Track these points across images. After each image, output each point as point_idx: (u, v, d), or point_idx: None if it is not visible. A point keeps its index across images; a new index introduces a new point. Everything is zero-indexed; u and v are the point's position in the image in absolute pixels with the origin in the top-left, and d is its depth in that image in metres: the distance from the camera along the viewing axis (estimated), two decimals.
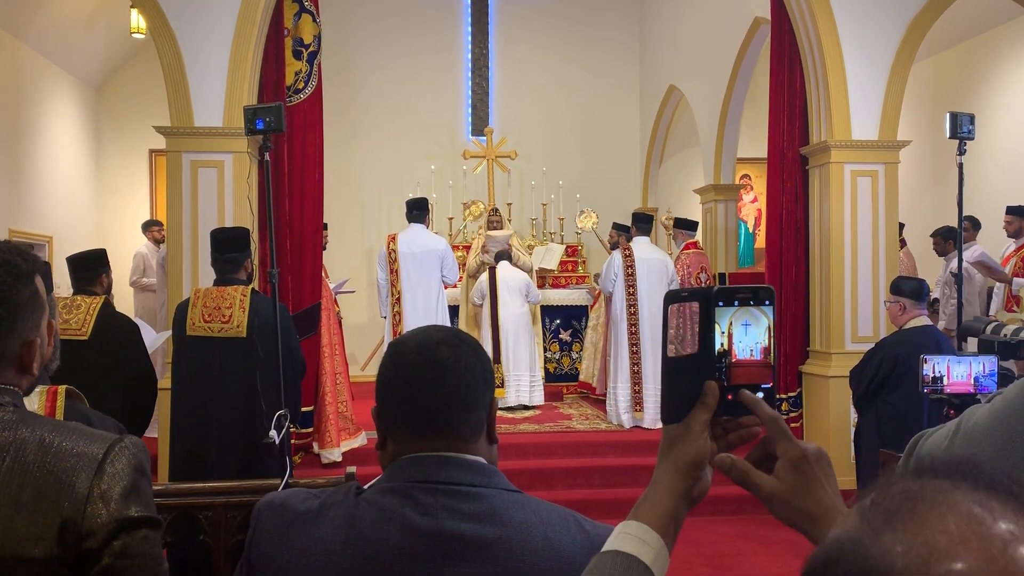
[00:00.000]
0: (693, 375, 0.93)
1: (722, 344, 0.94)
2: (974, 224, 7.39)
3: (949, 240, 7.32)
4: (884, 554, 0.56)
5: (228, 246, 4.14)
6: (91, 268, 4.14)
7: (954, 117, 5.07)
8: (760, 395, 0.95)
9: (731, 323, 0.94)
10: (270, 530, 1.20)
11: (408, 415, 1.23)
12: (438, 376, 1.21)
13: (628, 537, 0.90)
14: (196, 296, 4.12)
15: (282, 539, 1.19)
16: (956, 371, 3.42)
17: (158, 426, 5.74)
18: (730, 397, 0.94)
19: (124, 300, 8.68)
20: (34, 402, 1.85)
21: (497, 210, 9.05)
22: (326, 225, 7.79)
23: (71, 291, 4.16)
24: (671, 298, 0.95)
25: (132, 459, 1.23)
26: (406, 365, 1.24)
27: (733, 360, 0.94)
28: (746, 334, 0.95)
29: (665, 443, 0.94)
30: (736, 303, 0.93)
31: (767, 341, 0.95)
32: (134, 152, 10.50)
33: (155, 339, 5.16)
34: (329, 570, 1.14)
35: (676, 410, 0.94)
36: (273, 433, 3.62)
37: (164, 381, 5.59)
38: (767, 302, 0.95)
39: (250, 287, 4.11)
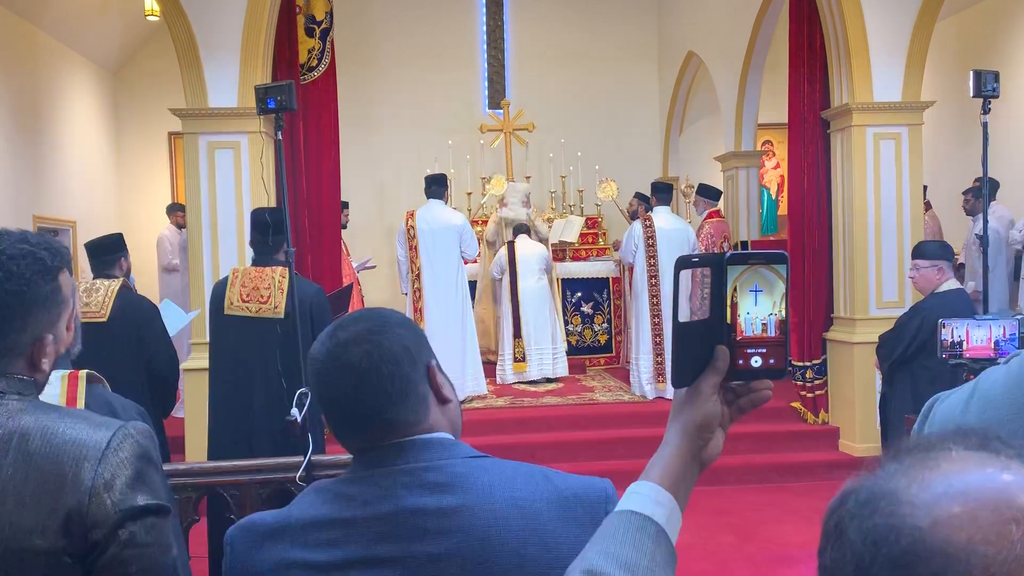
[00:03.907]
0: (704, 340, 0.92)
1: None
2: (990, 185, 7.28)
3: (980, 199, 7.24)
4: (894, 485, 0.62)
5: (270, 228, 4.13)
6: (109, 252, 4.18)
7: (978, 75, 4.95)
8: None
9: (735, 290, 0.90)
10: (242, 551, 1.18)
11: (343, 424, 1.21)
12: (356, 382, 1.17)
13: (640, 497, 0.90)
14: (235, 276, 4.13)
15: (256, 554, 1.16)
16: (976, 335, 3.37)
17: (184, 407, 5.81)
18: (741, 363, 0.92)
19: (150, 284, 8.77)
20: (55, 386, 1.86)
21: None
22: (346, 204, 7.81)
23: (91, 276, 4.20)
24: (682, 264, 0.92)
25: (136, 447, 1.21)
26: (322, 379, 1.20)
27: (739, 337, 0.91)
28: (756, 303, 0.91)
29: (675, 406, 0.95)
30: (748, 264, 0.91)
31: (783, 312, 0.92)
32: (153, 135, 10.56)
33: (184, 319, 5.20)
34: (306, 572, 1.13)
35: (687, 374, 0.93)
36: (294, 411, 3.65)
37: (189, 362, 5.67)
38: (781, 265, 0.91)
39: (289, 269, 4.12)
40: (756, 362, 0.92)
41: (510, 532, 1.13)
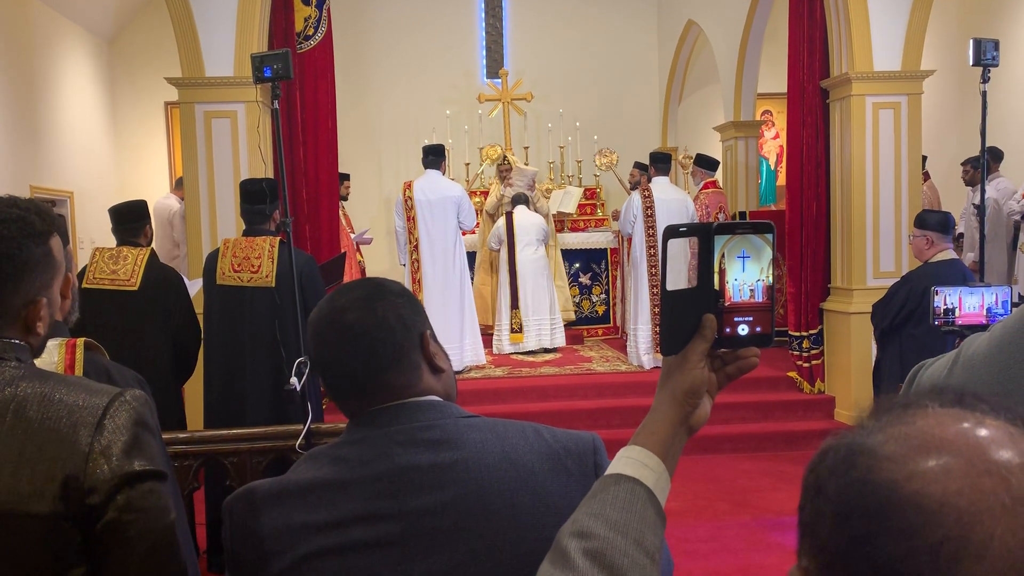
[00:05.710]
0: (692, 308, 0.93)
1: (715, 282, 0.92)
2: (994, 156, 7.26)
3: (979, 169, 7.23)
4: (872, 441, 0.63)
5: (256, 197, 4.15)
6: (135, 220, 4.18)
7: (977, 43, 4.92)
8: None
9: (723, 256, 0.91)
10: (242, 518, 1.19)
11: (339, 388, 1.26)
12: (350, 346, 1.23)
13: (630, 461, 0.92)
14: (225, 246, 4.16)
15: (256, 520, 1.18)
16: (968, 302, 3.37)
17: None
18: (728, 331, 0.93)
19: None
20: (53, 354, 1.87)
21: (506, 158, 8.89)
22: (347, 176, 7.77)
23: (114, 242, 4.19)
24: (670, 233, 0.94)
25: (133, 413, 1.23)
26: (320, 341, 1.26)
27: (727, 303, 0.92)
28: (744, 269, 0.93)
29: (664, 373, 0.97)
30: (735, 233, 0.92)
31: (771, 278, 0.93)
32: (150, 105, 10.49)
33: (189, 286, 5.24)
34: (306, 533, 1.15)
35: (675, 342, 0.95)
36: (294, 380, 3.67)
37: None
38: (768, 233, 0.93)
39: (279, 238, 4.13)
40: (743, 330, 0.94)
41: (503, 483, 1.17)
